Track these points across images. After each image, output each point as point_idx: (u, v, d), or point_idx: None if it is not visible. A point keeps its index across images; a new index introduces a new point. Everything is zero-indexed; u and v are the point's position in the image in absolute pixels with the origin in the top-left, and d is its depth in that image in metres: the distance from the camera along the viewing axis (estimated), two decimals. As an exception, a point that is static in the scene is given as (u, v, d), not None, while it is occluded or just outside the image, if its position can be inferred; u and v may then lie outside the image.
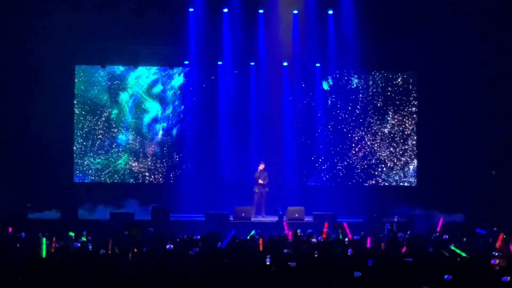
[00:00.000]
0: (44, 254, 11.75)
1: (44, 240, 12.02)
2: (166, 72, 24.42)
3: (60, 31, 22.27)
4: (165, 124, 24.45)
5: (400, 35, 23.01)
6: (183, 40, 23.37)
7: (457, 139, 23.66)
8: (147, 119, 24.44)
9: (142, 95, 24.40)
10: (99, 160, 24.18)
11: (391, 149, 24.63)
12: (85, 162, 24.15)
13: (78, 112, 24.04)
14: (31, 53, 22.68)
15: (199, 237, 14.84)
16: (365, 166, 24.57)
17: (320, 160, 24.56)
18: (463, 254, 11.90)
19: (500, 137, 23.20)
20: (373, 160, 24.57)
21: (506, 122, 23.11)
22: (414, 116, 24.63)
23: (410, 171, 24.62)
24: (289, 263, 10.05)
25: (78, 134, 24.06)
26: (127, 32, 22.76)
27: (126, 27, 22.58)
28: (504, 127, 23.12)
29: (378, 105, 24.65)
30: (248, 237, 14.78)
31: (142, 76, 24.39)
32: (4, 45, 22.28)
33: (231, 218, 21.02)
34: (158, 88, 24.44)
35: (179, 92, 24.43)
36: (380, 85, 24.67)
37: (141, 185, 24.23)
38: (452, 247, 12.58)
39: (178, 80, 24.41)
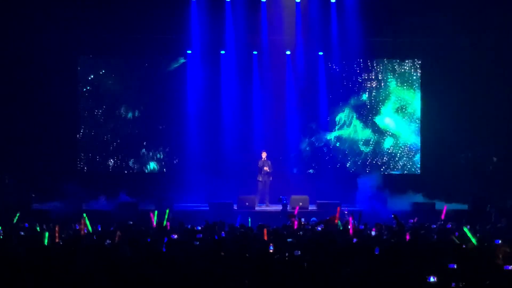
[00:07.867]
0: (46, 243, 11.75)
1: (46, 233, 12.03)
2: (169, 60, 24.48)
3: (63, 22, 22.26)
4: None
5: (403, 23, 22.87)
6: (186, 29, 23.35)
7: (460, 127, 23.61)
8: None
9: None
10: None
11: (395, 137, 24.68)
12: (89, 153, 24.20)
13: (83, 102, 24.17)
14: (35, 43, 22.66)
15: (200, 228, 14.80)
16: (370, 155, 24.57)
17: (324, 149, 24.55)
18: (473, 240, 11.80)
19: (502, 126, 23.21)
20: (378, 148, 24.60)
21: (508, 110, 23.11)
22: (417, 103, 24.60)
23: (414, 159, 24.63)
24: (294, 252, 10.03)
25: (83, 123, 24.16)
26: (130, 22, 22.70)
27: (129, 17, 22.54)
28: (506, 116, 23.12)
29: (381, 93, 24.61)
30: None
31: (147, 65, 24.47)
32: (7, 35, 22.32)
33: (235, 207, 21.03)
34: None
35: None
36: (383, 73, 24.63)
37: (145, 174, 24.24)
38: (465, 229, 12.45)
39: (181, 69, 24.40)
